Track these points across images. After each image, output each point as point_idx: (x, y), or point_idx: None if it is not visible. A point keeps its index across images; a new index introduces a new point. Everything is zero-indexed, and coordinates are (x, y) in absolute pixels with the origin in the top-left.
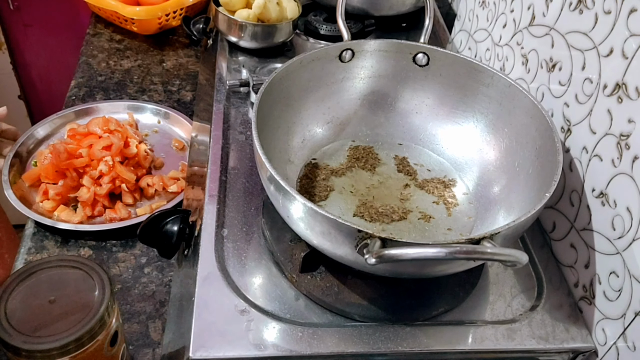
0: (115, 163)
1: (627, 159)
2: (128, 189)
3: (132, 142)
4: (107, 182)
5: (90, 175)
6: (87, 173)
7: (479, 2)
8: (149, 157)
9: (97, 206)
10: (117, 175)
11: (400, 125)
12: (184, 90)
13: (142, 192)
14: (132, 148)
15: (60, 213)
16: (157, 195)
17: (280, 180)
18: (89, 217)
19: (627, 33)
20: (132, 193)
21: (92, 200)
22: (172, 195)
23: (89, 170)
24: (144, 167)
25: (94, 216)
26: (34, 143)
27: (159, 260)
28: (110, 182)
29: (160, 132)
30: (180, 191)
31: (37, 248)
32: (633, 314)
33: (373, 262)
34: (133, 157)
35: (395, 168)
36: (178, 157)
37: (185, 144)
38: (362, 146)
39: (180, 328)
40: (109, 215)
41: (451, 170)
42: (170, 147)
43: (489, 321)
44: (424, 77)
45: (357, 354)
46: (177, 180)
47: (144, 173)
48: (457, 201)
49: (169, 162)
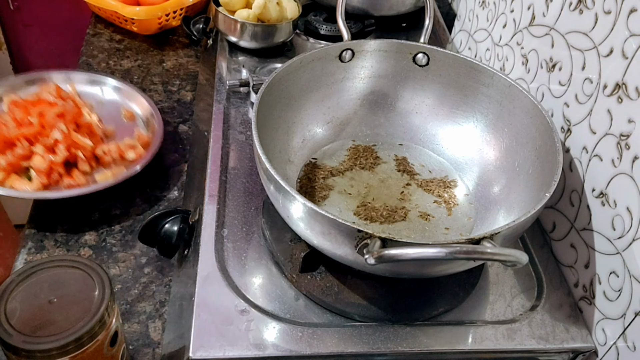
0: (70, 130)
1: (627, 159)
2: (85, 157)
3: (84, 110)
4: (62, 150)
5: (44, 144)
6: (38, 141)
7: (479, 2)
8: (100, 126)
9: (52, 174)
10: (72, 142)
11: (400, 125)
12: (184, 90)
13: (97, 161)
14: (86, 116)
15: (12, 182)
16: (114, 164)
17: (280, 180)
18: (45, 185)
19: (627, 33)
20: (89, 161)
21: (48, 169)
22: (129, 163)
23: (41, 138)
24: (97, 135)
25: (50, 185)
26: None
27: (159, 260)
28: (67, 149)
29: (106, 104)
30: (138, 158)
31: (37, 248)
32: (633, 314)
33: (373, 262)
34: (86, 125)
35: (395, 168)
36: (129, 127)
37: (135, 114)
38: (362, 146)
39: (180, 328)
40: (67, 182)
41: (451, 170)
42: (120, 117)
43: (489, 321)
44: (424, 77)
45: (357, 354)
46: (134, 147)
47: (99, 141)
48: (457, 201)
49: (120, 132)
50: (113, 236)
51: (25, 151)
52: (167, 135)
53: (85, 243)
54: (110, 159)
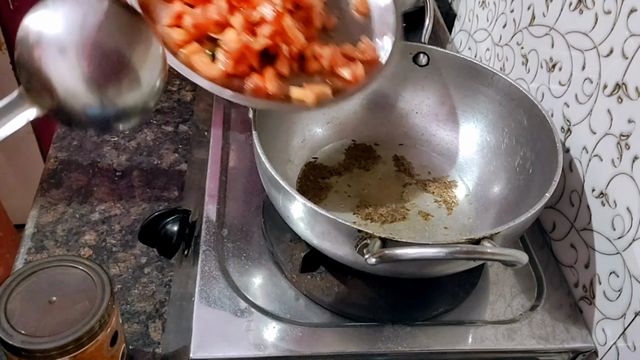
0: (285, 11)
1: (627, 159)
2: (289, 54)
3: None
4: (265, 34)
5: (245, 16)
6: (239, 10)
7: (479, 2)
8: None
9: (241, 63)
10: (281, 29)
11: (400, 125)
12: (184, 90)
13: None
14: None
15: (191, 54)
16: (319, 75)
17: (280, 180)
18: (228, 76)
19: (627, 33)
20: (291, 61)
21: (239, 54)
22: (339, 81)
23: (244, 8)
24: (314, 27)
25: (234, 75)
26: None
27: (159, 260)
28: (271, 36)
29: None
30: (354, 81)
31: (37, 248)
32: (633, 314)
33: (373, 262)
34: (307, 8)
35: (395, 168)
36: (358, 27)
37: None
38: (362, 146)
39: (180, 328)
40: (255, 81)
41: (451, 170)
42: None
43: (489, 321)
44: (424, 77)
45: (357, 354)
46: (352, 62)
47: (313, 36)
48: (457, 201)
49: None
50: (113, 236)
51: (220, 16)
52: (167, 135)
53: (85, 243)
54: (317, 67)
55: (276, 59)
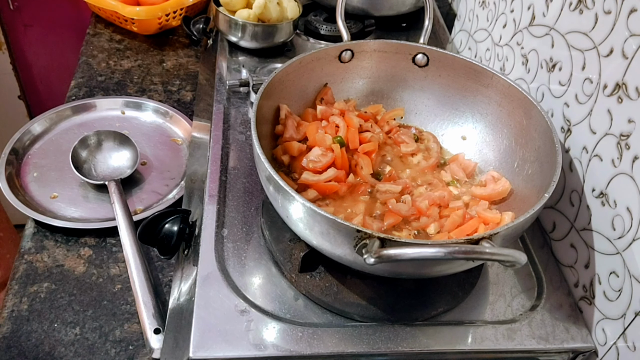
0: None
1: (627, 159)
2: None
3: None
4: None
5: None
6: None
7: (479, 2)
8: None
9: None
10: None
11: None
12: (184, 90)
13: None
14: None
15: None
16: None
17: (279, 180)
18: None
19: (627, 33)
20: None
21: None
22: None
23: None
24: None
25: None
26: (29, 139)
27: (159, 260)
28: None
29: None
30: None
31: (37, 248)
32: (633, 314)
33: (372, 262)
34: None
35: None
36: None
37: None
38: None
39: (180, 328)
40: None
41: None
42: None
43: (489, 321)
44: (424, 77)
45: (357, 354)
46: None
47: None
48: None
49: None
50: (113, 236)
51: None
52: None
53: (85, 243)
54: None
55: None
